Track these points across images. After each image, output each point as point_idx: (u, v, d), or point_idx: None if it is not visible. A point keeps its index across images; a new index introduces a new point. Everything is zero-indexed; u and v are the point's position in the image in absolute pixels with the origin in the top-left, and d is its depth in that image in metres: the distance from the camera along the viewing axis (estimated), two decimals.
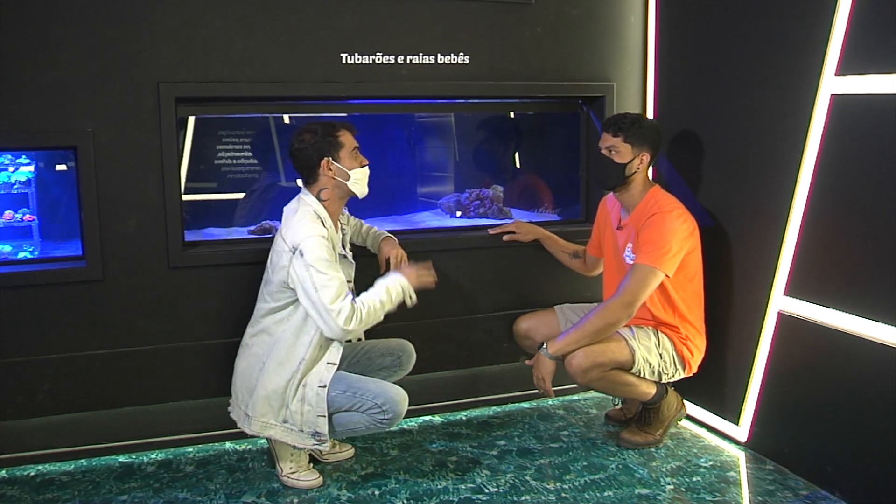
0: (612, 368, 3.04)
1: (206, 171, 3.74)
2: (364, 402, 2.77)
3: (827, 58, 2.76)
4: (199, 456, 3.20)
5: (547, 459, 3.15)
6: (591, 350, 3.00)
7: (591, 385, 3.09)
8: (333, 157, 2.82)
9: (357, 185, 2.86)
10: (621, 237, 3.23)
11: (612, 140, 3.09)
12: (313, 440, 2.80)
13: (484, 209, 4.03)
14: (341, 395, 2.78)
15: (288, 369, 2.78)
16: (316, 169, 2.83)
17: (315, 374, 2.80)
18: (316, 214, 2.80)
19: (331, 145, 2.83)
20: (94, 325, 3.06)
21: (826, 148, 2.79)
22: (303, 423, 2.79)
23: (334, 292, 2.67)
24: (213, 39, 3.07)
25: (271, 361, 2.80)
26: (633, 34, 3.69)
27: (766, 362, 3.08)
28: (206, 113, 3.44)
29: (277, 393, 2.79)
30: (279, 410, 2.80)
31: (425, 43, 3.36)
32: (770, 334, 3.05)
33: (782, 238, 2.96)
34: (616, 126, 3.08)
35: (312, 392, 2.78)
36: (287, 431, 2.81)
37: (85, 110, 2.95)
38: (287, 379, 2.78)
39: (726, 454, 3.19)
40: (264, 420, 2.82)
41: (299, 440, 2.81)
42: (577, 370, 3.00)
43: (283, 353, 2.79)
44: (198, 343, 3.20)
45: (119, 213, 3.03)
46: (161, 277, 3.11)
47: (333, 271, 2.70)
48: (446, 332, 3.56)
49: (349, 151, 2.85)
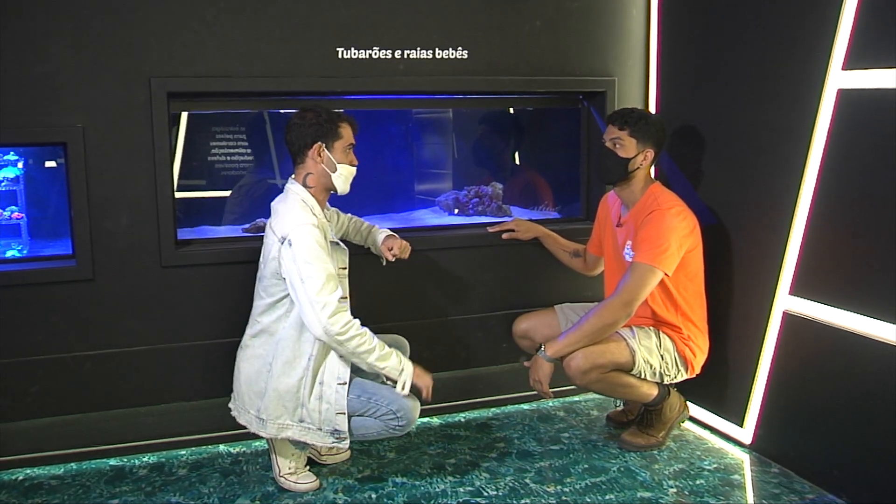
0: (612, 370, 3.03)
1: (199, 167, 3.74)
2: (379, 408, 2.77)
3: (834, 51, 2.74)
4: (191, 459, 3.18)
5: (547, 462, 3.14)
6: (590, 351, 2.99)
7: (590, 387, 3.07)
8: (327, 145, 2.80)
9: (340, 179, 2.84)
10: (621, 235, 3.22)
11: (617, 133, 3.08)
12: (332, 438, 2.79)
13: (483, 207, 4.02)
14: (355, 399, 2.78)
15: (298, 367, 2.76)
16: (306, 150, 2.80)
17: (331, 372, 2.78)
18: (304, 203, 2.78)
19: (329, 132, 2.80)
20: (84, 326, 3.05)
21: (832, 144, 2.77)
22: (322, 421, 2.78)
23: (320, 284, 2.64)
24: (207, 33, 3.06)
25: (278, 361, 2.77)
26: (635, 27, 3.68)
27: (770, 363, 3.07)
28: (199, 109, 3.43)
29: (291, 393, 2.76)
30: (294, 410, 2.78)
31: (423, 37, 3.35)
32: (775, 334, 3.03)
33: (787, 236, 2.94)
34: (623, 119, 3.07)
35: (331, 390, 2.76)
36: (305, 431, 2.79)
37: (74, 105, 2.93)
38: (299, 377, 2.76)
39: (730, 457, 3.18)
40: (280, 422, 2.79)
41: (318, 439, 2.80)
42: (576, 372, 2.99)
43: (289, 352, 2.76)
44: (191, 344, 3.19)
45: (110, 210, 3.02)
46: (153, 277, 3.11)
47: (321, 263, 2.67)
48: (444, 332, 3.56)
49: (344, 145, 2.83)
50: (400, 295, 3.36)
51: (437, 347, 3.53)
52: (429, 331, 3.50)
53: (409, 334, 3.26)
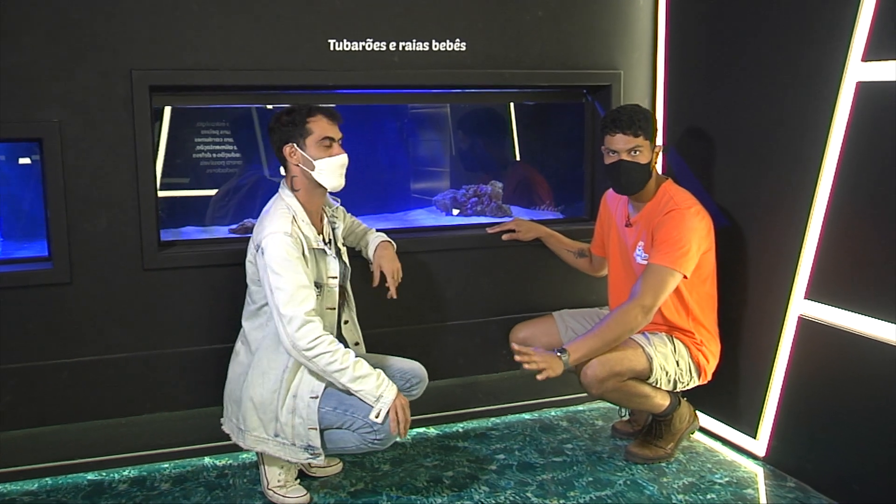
0: (629, 378, 3.00)
1: (184, 165, 3.74)
2: (355, 421, 2.72)
3: (853, 41, 2.71)
4: (175, 472, 3.16)
5: (550, 475, 3.12)
6: (608, 358, 2.95)
7: (604, 396, 3.04)
8: (298, 144, 2.78)
9: (323, 175, 2.79)
10: (630, 235, 3.19)
11: (634, 141, 3.03)
12: (307, 454, 2.77)
13: (482, 206, 4.01)
14: (331, 411, 2.74)
15: (272, 379, 2.76)
16: (283, 153, 2.81)
17: (306, 384, 2.76)
18: (288, 209, 2.77)
19: (296, 131, 2.78)
20: (60, 332, 3.02)
21: (851, 140, 2.75)
22: (294, 436, 2.76)
23: (287, 296, 2.63)
24: (191, 24, 3.03)
25: (254, 371, 2.78)
26: (642, 18, 3.66)
27: (785, 370, 3.05)
28: (183, 103, 3.42)
29: (265, 405, 2.76)
30: (269, 423, 2.77)
31: (419, 28, 3.33)
32: (790, 340, 3.01)
33: (803, 237, 2.92)
34: (636, 125, 3.02)
35: (304, 403, 2.75)
36: (280, 446, 2.78)
37: (51, 99, 2.90)
38: (273, 389, 2.75)
39: (743, 470, 3.16)
40: (256, 434, 2.79)
41: (292, 454, 2.78)
42: (593, 380, 2.94)
43: (266, 362, 2.77)
44: (174, 351, 3.17)
45: (88, 210, 2.99)
46: (134, 280, 3.08)
47: (291, 273, 2.65)
48: (442, 338, 3.54)
49: (317, 140, 2.79)
50: (395, 299, 3.29)
51: (435, 354, 3.51)
52: (425, 337, 3.49)
53: (405, 340, 3.27)
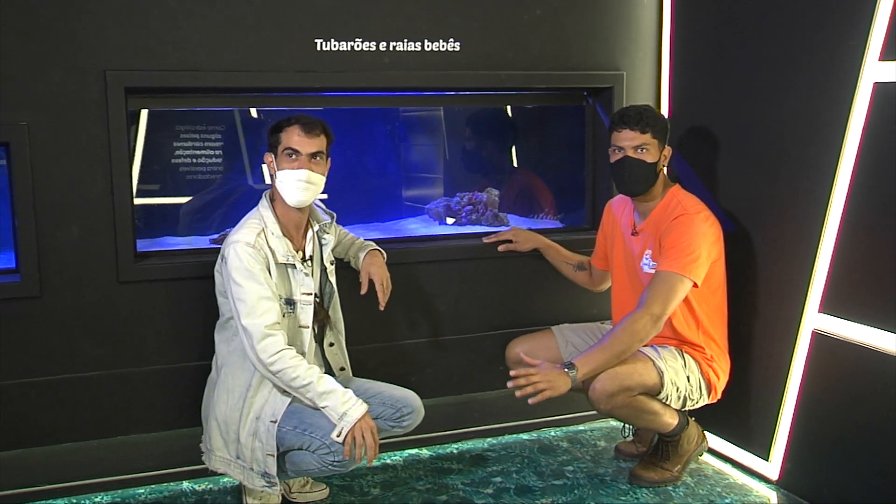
0: (639, 393, 2.94)
1: (162, 171, 3.69)
2: (313, 442, 2.64)
3: (870, 39, 2.70)
4: (151, 498, 3.10)
5: (549, 499, 3.07)
6: (617, 372, 2.89)
7: (612, 413, 2.99)
8: (275, 154, 2.78)
9: (282, 187, 2.76)
10: (637, 244, 3.15)
11: (641, 137, 3.01)
12: (263, 481, 2.70)
13: (477, 215, 3.98)
14: (291, 431, 2.68)
15: (236, 396, 2.74)
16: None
17: (270, 405, 2.71)
18: (259, 220, 2.76)
19: (272, 140, 2.79)
20: (29, 349, 2.97)
21: (868, 144, 2.73)
22: (252, 460, 2.71)
23: (248, 307, 2.62)
24: (169, 22, 2.99)
25: (219, 388, 2.78)
26: (646, 16, 3.64)
27: (799, 388, 3.02)
28: (160, 106, 3.38)
29: (227, 424, 2.74)
30: (231, 444, 2.74)
31: (411, 27, 3.31)
32: (803, 356, 2.99)
33: (817, 246, 2.90)
34: (644, 121, 3.01)
35: (264, 427, 2.70)
36: (240, 469, 2.74)
37: (19, 101, 2.86)
38: (238, 408, 2.72)
39: (755, 494, 3.12)
40: (220, 454, 2.78)
41: (249, 480, 2.73)
42: (601, 395, 2.88)
43: (230, 379, 2.75)
44: (150, 368, 3.12)
45: (60, 219, 2.95)
46: (108, 293, 3.03)
47: (253, 284, 2.63)
48: (435, 354, 3.50)
49: (282, 151, 2.77)
50: (385, 313, 3.27)
51: (427, 370, 3.48)
52: (417, 352, 3.45)
53: (396, 356, 3.24)
